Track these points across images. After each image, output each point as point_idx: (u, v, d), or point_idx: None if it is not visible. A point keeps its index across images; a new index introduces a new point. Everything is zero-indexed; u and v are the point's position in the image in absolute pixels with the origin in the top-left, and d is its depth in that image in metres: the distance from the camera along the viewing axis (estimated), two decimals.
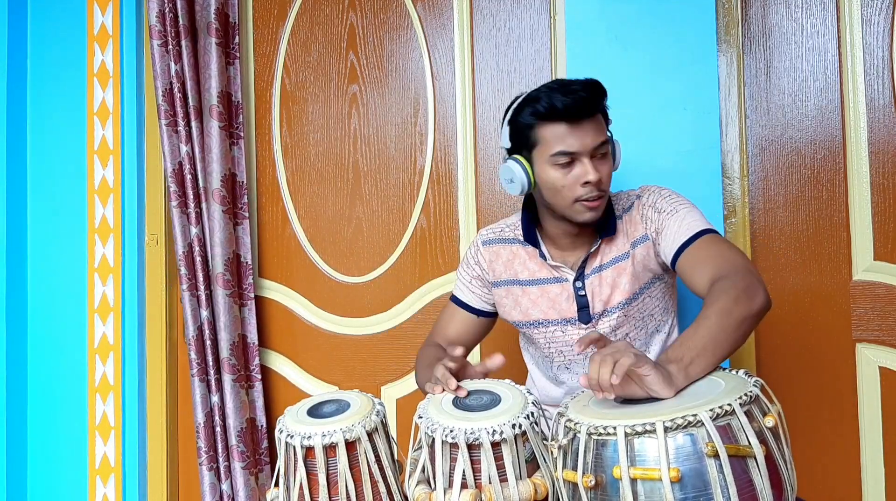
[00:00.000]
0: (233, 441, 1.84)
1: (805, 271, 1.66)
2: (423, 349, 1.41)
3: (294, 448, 0.98)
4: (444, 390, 1.05)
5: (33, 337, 2.03)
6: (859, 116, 1.64)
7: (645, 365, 0.87)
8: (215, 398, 1.86)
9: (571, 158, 1.18)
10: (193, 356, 1.85)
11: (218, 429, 1.85)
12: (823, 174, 1.67)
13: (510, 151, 1.26)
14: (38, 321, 2.03)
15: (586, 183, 1.18)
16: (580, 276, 1.28)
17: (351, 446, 0.98)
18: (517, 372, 1.46)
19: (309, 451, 0.97)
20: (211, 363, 1.86)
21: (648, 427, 0.78)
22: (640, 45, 1.69)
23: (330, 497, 0.97)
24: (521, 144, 1.23)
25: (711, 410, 0.79)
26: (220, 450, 1.86)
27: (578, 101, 1.15)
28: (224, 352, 1.84)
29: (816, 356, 1.66)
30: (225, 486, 1.86)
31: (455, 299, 1.44)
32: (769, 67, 1.70)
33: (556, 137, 1.17)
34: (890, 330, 1.61)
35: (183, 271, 1.86)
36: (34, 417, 2.03)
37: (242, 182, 1.92)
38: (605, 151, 1.21)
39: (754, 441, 0.78)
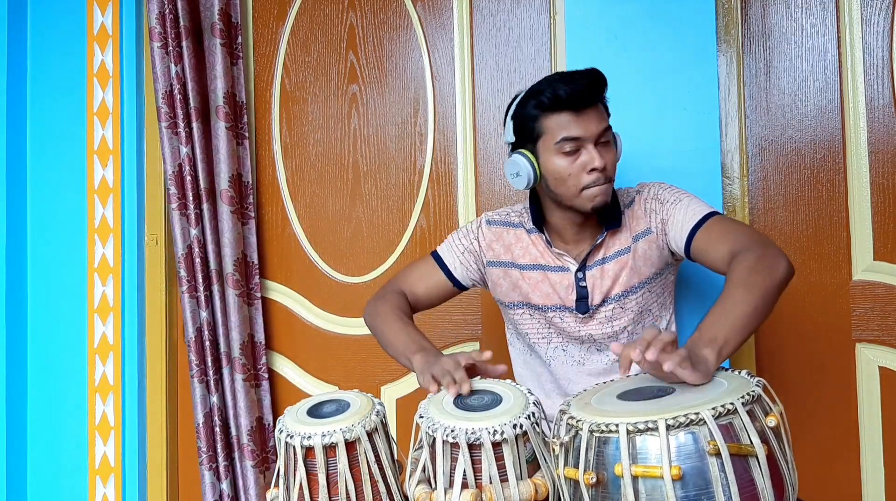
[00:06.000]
0: (244, 439, 1.85)
1: (805, 271, 1.66)
2: (386, 295, 1.36)
3: (294, 448, 0.97)
4: (439, 389, 1.04)
5: (33, 337, 2.03)
6: (859, 116, 1.64)
7: (686, 369, 0.87)
8: (214, 399, 1.87)
9: (577, 146, 1.20)
10: (193, 357, 1.86)
11: (217, 429, 1.86)
12: (823, 174, 1.67)
13: (514, 146, 1.28)
14: (38, 321, 2.03)
15: (592, 170, 1.20)
16: (582, 267, 1.30)
17: (351, 446, 0.98)
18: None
19: (309, 451, 0.97)
20: (210, 364, 1.87)
21: (651, 425, 0.78)
22: (640, 45, 1.69)
23: (330, 498, 0.97)
24: (526, 137, 1.24)
25: (714, 408, 0.79)
26: (219, 450, 1.86)
27: (581, 89, 1.18)
28: (235, 352, 1.85)
29: (816, 356, 1.66)
30: (224, 485, 1.87)
31: (437, 258, 1.42)
32: (769, 67, 1.70)
33: (560, 125, 1.20)
34: (890, 330, 1.61)
35: (182, 273, 1.87)
36: (34, 417, 2.02)
37: (248, 182, 1.92)
38: (608, 139, 1.23)
39: (756, 440, 0.78)
